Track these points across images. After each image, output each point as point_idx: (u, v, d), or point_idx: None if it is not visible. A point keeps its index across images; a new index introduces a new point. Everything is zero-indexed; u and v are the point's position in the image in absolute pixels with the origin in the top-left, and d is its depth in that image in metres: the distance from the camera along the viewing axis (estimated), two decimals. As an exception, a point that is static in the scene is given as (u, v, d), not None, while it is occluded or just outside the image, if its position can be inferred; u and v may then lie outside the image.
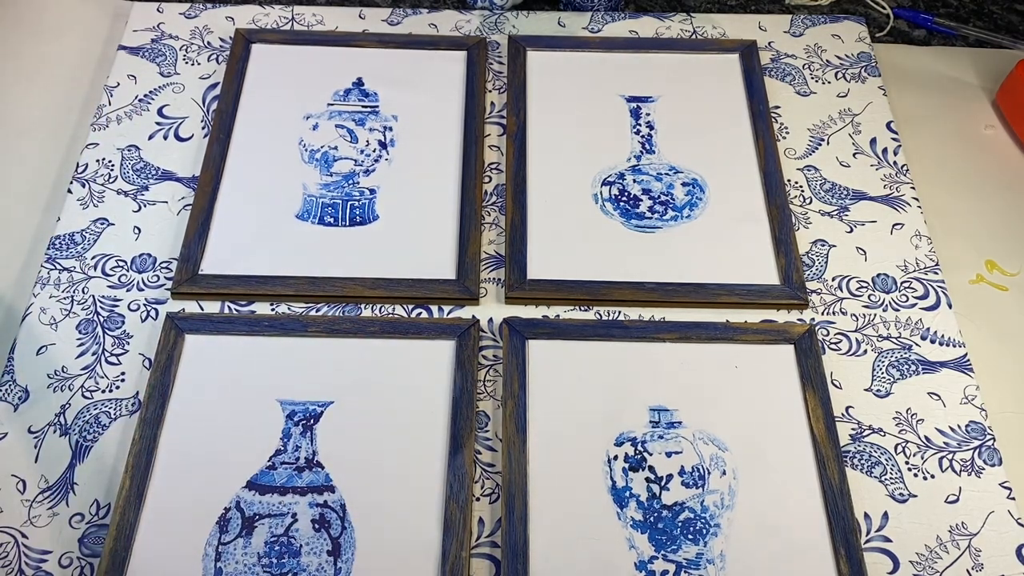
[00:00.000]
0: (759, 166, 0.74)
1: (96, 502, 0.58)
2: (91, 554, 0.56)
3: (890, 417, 0.63)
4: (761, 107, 0.77)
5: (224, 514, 0.57)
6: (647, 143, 0.75)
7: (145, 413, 0.60)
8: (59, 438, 0.60)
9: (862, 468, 0.60)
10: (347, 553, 0.56)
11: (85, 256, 0.68)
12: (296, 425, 0.60)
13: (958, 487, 0.60)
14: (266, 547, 0.56)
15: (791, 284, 0.67)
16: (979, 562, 0.57)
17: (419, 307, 0.67)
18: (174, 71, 0.79)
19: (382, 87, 0.78)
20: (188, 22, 0.83)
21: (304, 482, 0.58)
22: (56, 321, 0.65)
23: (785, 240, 0.69)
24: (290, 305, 0.66)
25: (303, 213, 0.71)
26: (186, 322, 0.64)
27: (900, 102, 0.81)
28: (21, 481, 0.58)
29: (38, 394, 0.62)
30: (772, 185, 0.73)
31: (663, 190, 0.72)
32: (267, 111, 0.76)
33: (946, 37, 0.87)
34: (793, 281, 0.67)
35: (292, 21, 0.83)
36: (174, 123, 0.76)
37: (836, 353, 0.65)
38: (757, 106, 0.77)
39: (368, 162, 0.74)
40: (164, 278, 0.67)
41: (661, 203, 0.72)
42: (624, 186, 0.72)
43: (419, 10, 0.85)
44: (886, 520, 0.59)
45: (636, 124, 0.76)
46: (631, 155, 0.75)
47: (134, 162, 0.73)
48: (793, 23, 0.85)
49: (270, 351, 0.63)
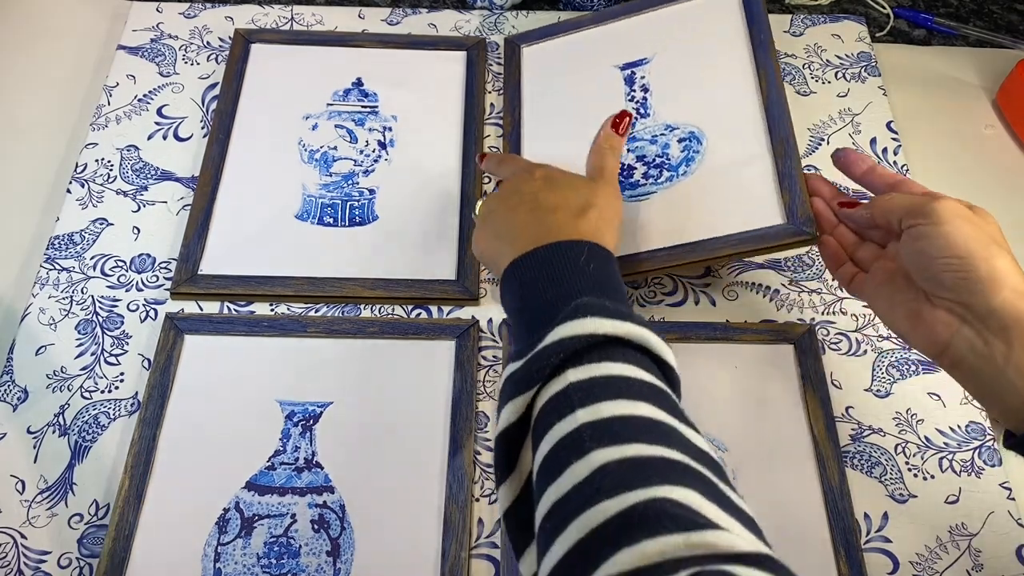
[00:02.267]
0: (760, 101, 0.69)
1: (95, 502, 0.58)
2: (90, 554, 0.56)
3: (890, 417, 0.63)
4: (762, 36, 0.71)
5: (223, 514, 0.57)
6: (642, 108, 0.72)
7: (144, 413, 0.60)
8: (58, 438, 0.60)
9: (862, 468, 0.60)
10: (346, 554, 0.56)
11: (84, 256, 0.68)
12: (295, 426, 0.60)
13: (958, 487, 0.60)
14: (265, 548, 0.56)
15: (795, 219, 0.60)
16: (979, 563, 0.57)
17: (419, 307, 0.67)
18: (173, 71, 0.79)
19: (382, 87, 0.78)
20: (187, 22, 0.83)
21: (303, 483, 0.58)
22: (55, 321, 0.65)
23: (789, 174, 0.63)
24: (289, 305, 0.66)
25: (302, 213, 0.70)
26: (185, 322, 0.64)
27: (900, 102, 0.81)
28: (20, 481, 0.58)
29: (37, 394, 0.62)
30: (775, 116, 0.67)
31: (658, 152, 0.69)
32: (266, 111, 0.76)
33: (946, 37, 0.86)
34: (798, 216, 0.60)
35: (291, 21, 0.83)
36: (173, 123, 0.76)
37: (836, 353, 0.65)
38: (758, 36, 0.71)
39: (368, 162, 0.74)
40: (163, 278, 0.67)
41: (656, 167, 0.68)
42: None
43: (418, 10, 0.85)
44: (886, 520, 0.59)
45: (630, 91, 0.73)
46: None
47: (133, 162, 0.73)
48: (793, 23, 0.85)
49: (269, 351, 0.63)
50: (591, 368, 0.43)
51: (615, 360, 0.43)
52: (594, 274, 0.49)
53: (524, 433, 0.44)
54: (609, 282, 0.49)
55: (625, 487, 0.36)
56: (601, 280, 0.49)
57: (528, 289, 0.49)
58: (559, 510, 0.38)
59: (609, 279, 0.49)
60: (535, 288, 0.49)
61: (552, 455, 0.40)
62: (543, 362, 0.43)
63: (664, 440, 0.39)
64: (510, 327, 0.64)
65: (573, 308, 0.45)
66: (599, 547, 0.35)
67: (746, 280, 0.69)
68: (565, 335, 0.43)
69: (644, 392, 0.42)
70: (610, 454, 0.38)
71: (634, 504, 0.35)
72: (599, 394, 0.41)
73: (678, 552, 0.33)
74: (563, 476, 0.39)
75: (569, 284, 0.48)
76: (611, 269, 0.51)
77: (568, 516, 0.37)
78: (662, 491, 0.36)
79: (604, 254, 0.51)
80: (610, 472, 0.37)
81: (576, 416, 0.40)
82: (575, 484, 0.38)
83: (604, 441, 0.39)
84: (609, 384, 0.42)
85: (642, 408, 0.41)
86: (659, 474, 0.37)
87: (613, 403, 0.41)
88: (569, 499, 0.38)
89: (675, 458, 0.38)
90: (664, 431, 0.40)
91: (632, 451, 0.38)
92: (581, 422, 0.40)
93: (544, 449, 0.41)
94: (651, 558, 0.33)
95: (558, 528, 0.37)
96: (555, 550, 0.37)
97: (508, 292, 0.51)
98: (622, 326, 0.44)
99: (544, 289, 0.48)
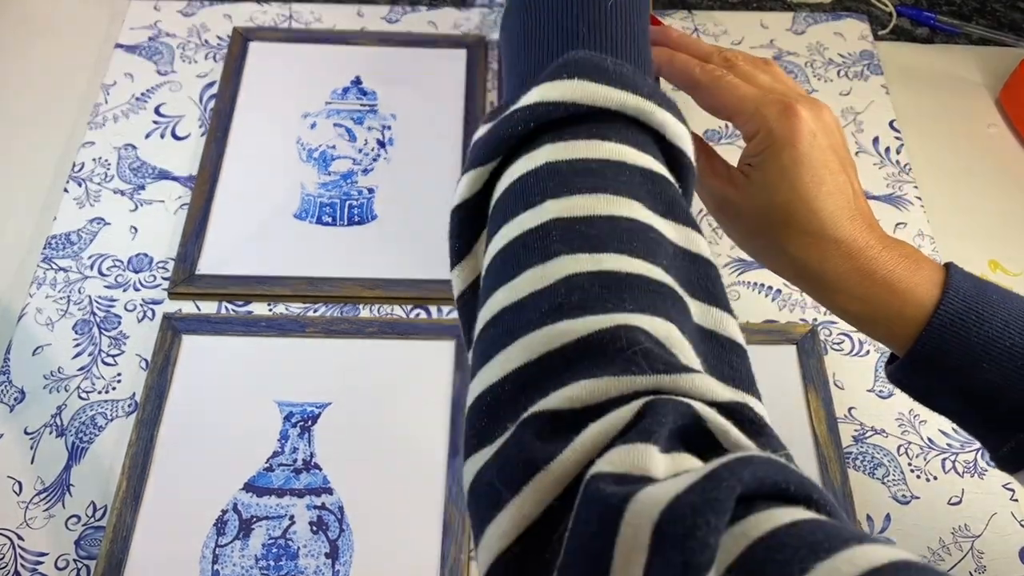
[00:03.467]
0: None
1: (92, 504, 0.57)
2: (88, 556, 0.56)
3: (893, 418, 0.62)
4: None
5: (221, 516, 0.56)
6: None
7: (142, 414, 0.60)
8: (55, 439, 0.60)
9: (864, 470, 0.60)
10: (345, 555, 0.55)
11: (81, 256, 0.68)
12: (294, 427, 0.60)
13: (961, 489, 0.59)
14: (263, 549, 0.55)
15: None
16: (982, 564, 0.57)
17: (418, 308, 0.66)
18: (171, 69, 0.79)
19: (381, 86, 0.78)
20: (185, 20, 0.82)
21: (302, 484, 0.58)
22: (52, 321, 0.64)
23: None
24: (288, 305, 0.66)
25: (301, 212, 0.70)
26: (183, 322, 0.64)
27: (903, 100, 0.80)
28: (17, 482, 0.58)
29: (34, 395, 0.61)
30: None
31: None
32: (265, 109, 0.76)
33: (949, 35, 0.86)
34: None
35: (290, 19, 0.83)
36: (171, 121, 0.75)
37: (839, 353, 0.65)
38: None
39: (367, 161, 0.73)
40: (161, 278, 0.67)
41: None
42: None
43: (418, 8, 0.84)
44: (888, 522, 0.58)
45: None
46: None
47: (131, 161, 0.73)
48: (795, 21, 0.85)
49: (268, 352, 0.63)
50: (574, 147, 0.34)
51: (607, 139, 0.34)
52: (611, 11, 0.38)
53: (485, 213, 0.36)
54: (629, 26, 0.38)
55: (593, 308, 0.29)
56: (617, 22, 0.38)
57: (527, 29, 0.39)
58: (508, 317, 0.31)
59: (630, 22, 0.38)
60: (534, 27, 0.39)
61: (510, 249, 0.33)
62: (510, 129, 0.35)
63: (650, 253, 0.32)
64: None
65: (560, 65, 0.35)
66: (548, 375, 0.29)
67: (748, 280, 0.69)
68: (541, 99, 0.34)
69: (635, 185, 0.34)
70: (581, 263, 0.31)
71: (600, 330, 0.29)
72: (578, 183, 0.33)
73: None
74: (520, 279, 0.31)
75: (570, 24, 0.38)
76: (635, 5, 0.39)
77: (517, 328, 0.30)
78: (635, 319, 0.29)
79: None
80: (577, 286, 0.30)
81: (546, 207, 0.32)
82: (533, 291, 0.31)
83: (575, 245, 0.31)
84: (593, 172, 0.33)
85: (630, 208, 0.33)
86: (635, 299, 0.30)
87: (594, 197, 0.32)
88: (523, 307, 0.31)
89: (658, 278, 0.31)
90: (651, 240, 0.32)
91: (609, 263, 0.31)
92: (551, 216, 0.32)
93: (500, 241, 0.33)
94: (607, 395, 0.27)
95: (502, 339, 0.30)
96: (494, 366, 0.30)
97: (503, 29, 0.41)
98: (616, 95, 0.34)
99: (543, 28, 0.38)
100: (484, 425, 0.29)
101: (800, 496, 0.23)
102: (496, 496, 0.27)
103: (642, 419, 0.26)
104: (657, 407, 0.26)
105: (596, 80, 0.34)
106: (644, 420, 0.25)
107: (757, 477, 0.22)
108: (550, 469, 0.26)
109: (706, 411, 0.26)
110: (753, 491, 0.22)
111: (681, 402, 0.26)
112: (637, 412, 0.26)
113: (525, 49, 0.39)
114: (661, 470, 0.24)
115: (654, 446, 0.24)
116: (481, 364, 0.31)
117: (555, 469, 0.26)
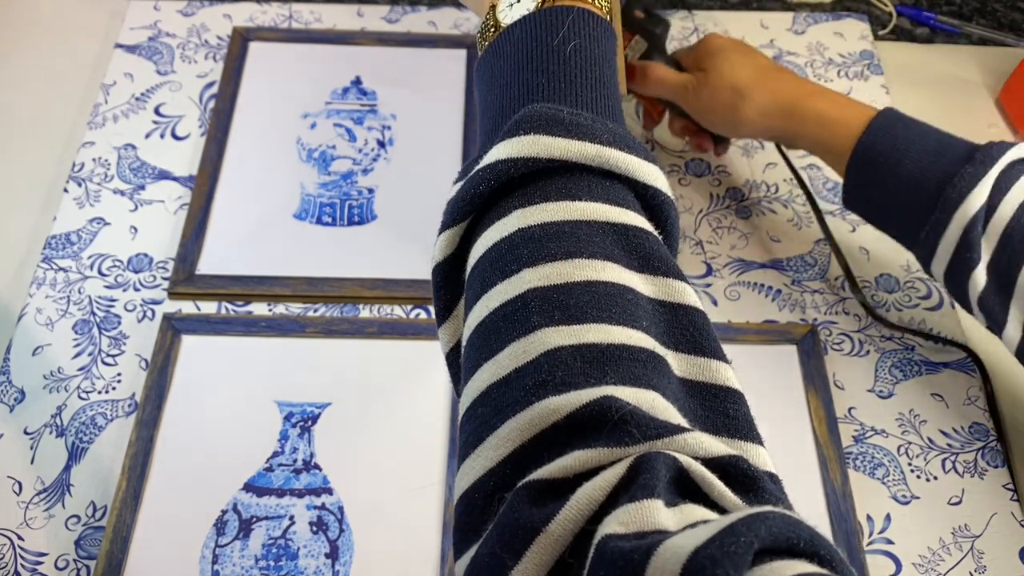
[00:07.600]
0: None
1: (92, 504, 0.57)
2: (87, 556, 0.55)
3: (893, 418, 0.62)
4: None
5: (221, 516, 0.56)
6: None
7: (142, 414, 0.60)
8: (55, 439, 0.59)
9: (865, 470, 0.60)
10: (345, 556, 0.55)
11: (81, 256, 0.68)
12: (294, 427, 0.60)
13: (961, 489, 0.59)
14: (263, 549, 0.55)
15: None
16: (982, 564, 0.56)
17: (418, 308, 0.66)
18: (171, 69, 0.79)
19: (381, 86, 0.78)
20: (185, 20, 0.82)
21: (302, 484, 0.58)
22: (52, 321, 0.64)
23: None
24: (288, 305, 0.66)
25: (301, 212, 0.70)
26: (183, 323, 0.64)
27: (903, 100, 0.80)
28: (17, 483, 0.58)
29: (34, 395, 0.61)
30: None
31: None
32: (264, 109, 0.76)
33: (949, 35, 0.86)
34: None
35: (290, 19, 0.83)
36: (171, 121, 0.75)
37: (839, 353, 0.65)
38: None
39: (367, 161, 0.73)
40: (161, 278, 0.67)
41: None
42: None
43: (418, 8, 0.84)
44: (889, 522, 0.58)
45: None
46: None
47: (131, 161, 0.73)
48: (795, 21, 0.85)
49: (267, 352, 0.63)
50: (543, 209, 0.33)
51: (577, 198, 0.34)
52: (570, 59, 0.37)
53: (463, 272, 0.37)
54: (589, 73, 0.37)
55: (577, 383, 0.29)
56: (576, 71, 0.37)
57: (493, 81, 0.39)
58: (495, 395, 0.31)
59: (591, 68, 0.38)
60: (497, 80, 0.38)
61: (491, 323, 0.32)
62: (473, 190, 0.34)
63: (628, 316, 0.32)
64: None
65: (517, 120, 0.35)
66: (544, 451, 0.29)
67: (748, 280, 0.69)
68: (500, 157, 0.34)
69: (608, 244, 0.33)
70: (562, 336, 0.31)
71: (589, 403, 0.29)
72: (553, 249, 0.32)
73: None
74: (503, 353, 0.31)
75: (529, 77, 0.37)
76: (598, 51, 0.38)
77: (505, 407, 0.30)
78: (620, 392, 0.29)
79: (594, 24, 0.39)
80: (560, 361, 0.30)
81: (522, 277, 0.32)
82: (516, 367, 0.31)
83: (555, 317, 0.31)
84: (565, 235, 0.33)
85: (606, 270, 0.32)
86: (617, 371, 0.30)
87: (569, 264, 0.32)
88: (508, 383, 0.31)
89: (638, 344, 0.31)
90: (628, 302, 0.32)
91: (589, 336, 0.31)
92: (528, 286, 0.32)
93: (481, 311, 0.33)
94: (600, 463, 0.28)
95: (491, 420, 0.31)
96: (487, 448, 0.30)
97: (476, 77, 0.41)
98: (574, 147, 0.34)
99: (506, 78, 0.38)
100: (480, 518, 0.30)
101: (808, 551, 0.24)
102: (499, 566, 0.27)
103: (637, 474, 0.26)
104: (650, 461, 0.26)
105: (552, 133, 0.34)
106: (641, 476, 0.26)
107: (772, 533, 0.24)
108: (549, 530, 0.27)
109: (690, 463, 0.27)
110: (768, 546, 0.24)
111: (668, 455, 0.27)
112: (629, 467, 0.27)
113: (491, 100, 0.39)
114: (672, 523, 0.25)
115: (659, 500, 0.25)
116: (474, 446, 0.31)
117: (554, 530, 0.27)
